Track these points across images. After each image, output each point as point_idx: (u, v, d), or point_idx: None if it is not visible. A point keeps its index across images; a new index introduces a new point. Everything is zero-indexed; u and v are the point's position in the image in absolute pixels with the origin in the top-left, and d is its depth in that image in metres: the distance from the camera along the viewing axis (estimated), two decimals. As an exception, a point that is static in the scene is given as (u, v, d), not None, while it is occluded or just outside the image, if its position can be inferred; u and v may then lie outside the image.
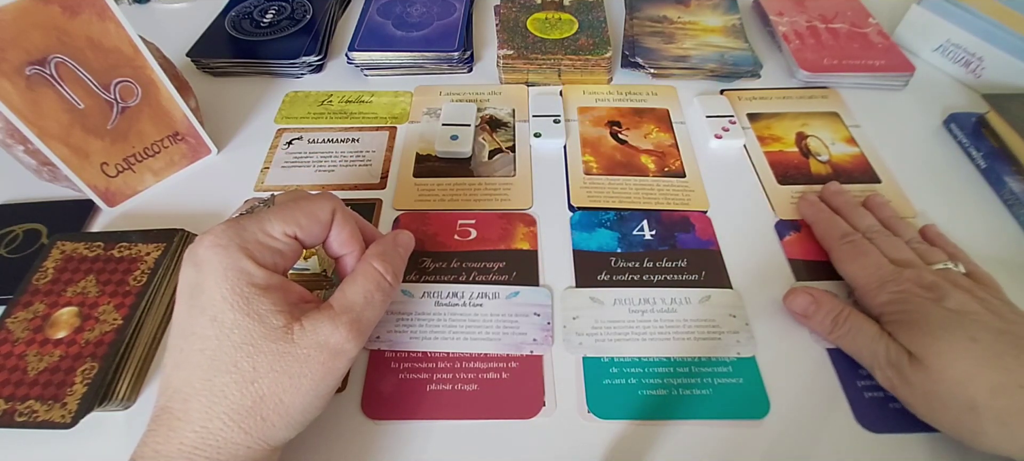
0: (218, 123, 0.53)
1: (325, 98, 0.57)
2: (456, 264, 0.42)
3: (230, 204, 0.46)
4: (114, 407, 0.34)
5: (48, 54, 0.39)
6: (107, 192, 0.45)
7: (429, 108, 0.55)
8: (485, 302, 0.39)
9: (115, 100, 0.44)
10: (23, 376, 0.33)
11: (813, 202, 0.43)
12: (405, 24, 0.61)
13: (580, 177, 0.48)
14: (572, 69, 0.56)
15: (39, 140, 0.40)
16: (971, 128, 0.50)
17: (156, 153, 0.47)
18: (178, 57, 0.57)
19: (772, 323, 0.38)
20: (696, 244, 0.43)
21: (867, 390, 0.35)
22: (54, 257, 0.39)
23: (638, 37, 0.60)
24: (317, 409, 0.28)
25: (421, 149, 0.51)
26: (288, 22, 0.62)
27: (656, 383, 0.36)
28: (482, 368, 0.36)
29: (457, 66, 0.59)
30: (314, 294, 0.31)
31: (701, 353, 0.37)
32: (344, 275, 0.32)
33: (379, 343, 0.37)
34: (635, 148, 0.51)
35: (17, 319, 0.36)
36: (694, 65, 0.57)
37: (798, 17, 0.62)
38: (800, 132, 0.52)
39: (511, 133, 0.52)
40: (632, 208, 0.46)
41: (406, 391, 0.35)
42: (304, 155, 0.51)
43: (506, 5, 0.62)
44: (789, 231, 0.44)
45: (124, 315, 0.36)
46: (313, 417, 0.28)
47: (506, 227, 0.44)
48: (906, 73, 0.56)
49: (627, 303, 0.39)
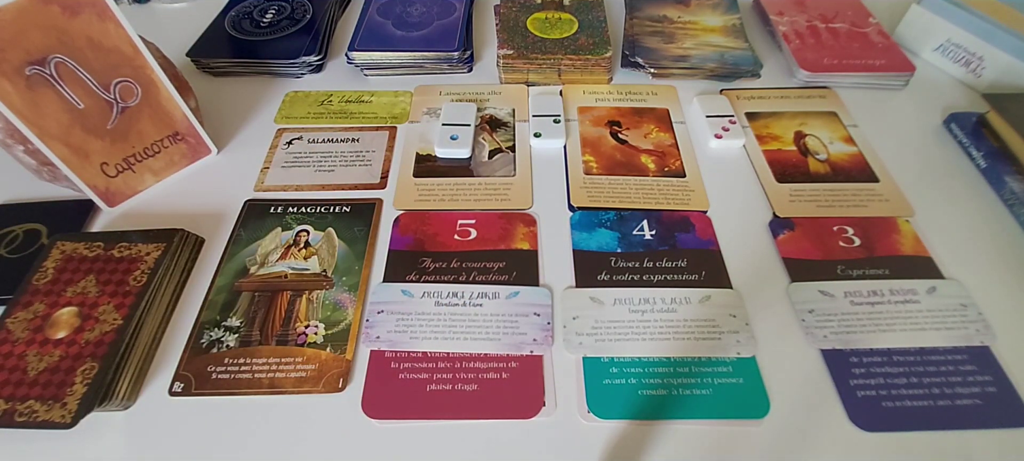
0: (218, 123, 0.53)
1: (325, 98, 0.57)
2: (456, 264, 0.42)
3: (230, 204, 0.46)
4: (114, 407, 0.34)
5: (48, 54, 0.39)
6: (107, 192, 0.45)
7: (429, 108, 0.55)
8: (485, 302, 0.39)
9: (115, 100, 0.44)
10: (23, 376, 0.33)
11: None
12: (405, 24, 0.61)
13: (580, 177, 0.48)
14: (572, 69, 0.56)
15: (39, 140, 0.40)
16: (971, 128, 0.50)
17: (156, 153, 0.47)
18: (178, 57, 0.57)
19: (770, 323, 0.38)
20: (696, 244, 0.43)
21: (860, 389, 0.35)
22: (54, 257, 0.39)
23: (638, 37, 0.60)
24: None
25: (421, 149, 0.51)
26: (288, 22, 0.62)
27: (656, 383, 0.36)
28: (482, 368, 0.36)
29: (457, 66, 0.59)
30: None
31: (701, 353, 0.37)
32: None
33: (379, 343, 0.37)
34: (635, 148, 0.51)
35: (17, 319, 0.36)
36: (694, 65, 0.57)
37: (798, 17, 0.62)
38: (798, 131, 0.52)
39: (511, 133, 0.52)
40: (632, 208, 0.46)
41: (406, 391, 0.35)
42: (304, 155, 0.51)
43: (506, 5, 0.62)
44: (783, 230, 0.44)
45: (124, 315, 0.36)
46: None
47: (506, 227, 0.44)
48: (906, 73, 0.56)
49: (627, 303, 0.39)
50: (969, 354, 0.37)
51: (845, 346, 0.37)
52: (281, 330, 0.38)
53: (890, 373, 0.36)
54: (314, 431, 0.34)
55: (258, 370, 0.36)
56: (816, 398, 0.35)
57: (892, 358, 0.37)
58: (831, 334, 0.38)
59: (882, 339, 0.37)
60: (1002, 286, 0.40)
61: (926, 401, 0.35)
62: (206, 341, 0.38)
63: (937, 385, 0.35)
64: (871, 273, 0.41)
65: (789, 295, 0.40)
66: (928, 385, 0.35)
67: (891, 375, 0.36)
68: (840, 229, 0.44)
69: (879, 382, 0.36)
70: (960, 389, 0.35)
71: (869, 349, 0.37)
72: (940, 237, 0.43)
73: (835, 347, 0.37)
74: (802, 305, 0.39)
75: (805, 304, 0.39)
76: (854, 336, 0.38)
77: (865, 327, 0.38)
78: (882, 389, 0.35)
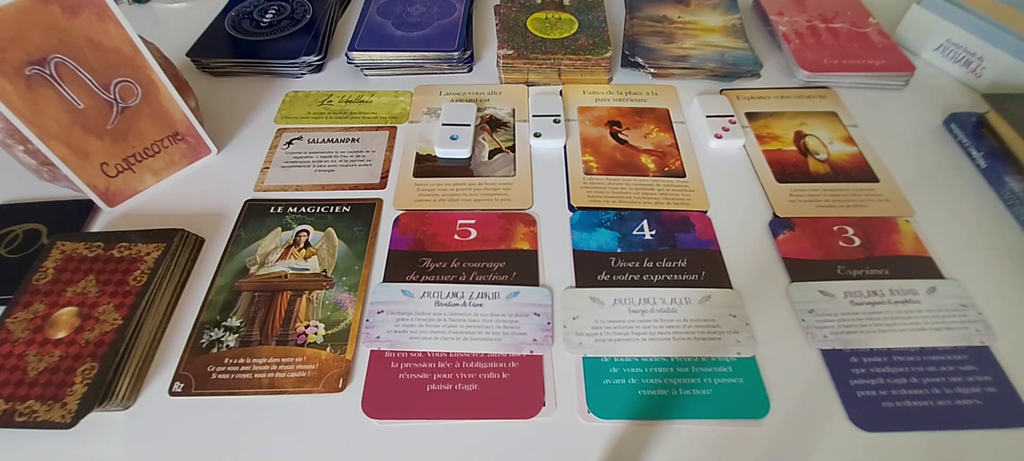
0: (218, 123, 0.53)
1: (325, 98, 0.57)
2: (456, 264, 0.42)
3: (230, 204, 0.46)
4: (114, 407, 0.34)
5: (48, 54, 0.39)
6: (107, 192, 0.45)
7: (429, 108, 0.55)
8: (485, 302, 0.39)
9: (115, 100, 0.44)
10: (23, 376, 0.33)
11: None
12: (405, 24, 0.61)
13: (580, 177, 0.48)
14: (572, 69, 0.56)
15: (39, 140, 0.40)
16: (971, 128, 0.50)
17: (156, 153, 0.47)
18: (178, 57, 0.57)
19: (770, 323, 0.38)
20: (696, 244, 0.43)
21: (860, 389, 0.35)
22: (54, 257, 0.39)
23: (638, 37, 0.60)
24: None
25: (421, 149, 0.51)
26: (288, 22, 0.62)
27: (656, 383, 0.36)
28: (482, 368, 0.36)
29: (457, 66, 0.59)
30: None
31: (701, 353, 0.37)
32: None
33: (379, 343, 0.37)
34: (635, 148, 0.51)
35: (17, 319, 0.36)
36: (694, 65, 0.57)
37: (798, 17, 0.62)
38: (798, 131, 0.52)
39: (511, 133, 0.52)
40: (632, 208, 0.46)
41: (406, 391, 0.35)
42: (304, 155, 0.51)
43: (506, 5, 0.62)
44: (783, 230, 0.44)
45: (124, 315, 0.36)
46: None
47: (506, 227, 0.44)
48: (906, 73, 0.56)
49: (627, 303, 0.39)
50: (969, 354, 0.37)
51: (845, 346, 0.37)
52: (281, 330, 0.38)
53: (890, 373, 0.36)
54: (314, 431, 0.34)
55: (258, 370, 0.36)
56: (816, 398, 0.35)
57: (892, 358, 0.37)
58: (831, 334, 0.38)
59: (882, 339, 0.37)
60: (1002, 286, 0.40)
61: (926, 401, 0.35)
62: (206, 341, 0.38)
63: (937, 385, 0.35)
64: (871, 273, 0.41)
65: (789, 295, 0.40)
66: (928, 385, 0.35)
67: (891, 375, 0.36)
68: (840, 229, 0.44)
69: (879, 382, 0.36)
70: (960, 389, 0.35)
71: (869, 349, 0.37)
72: (940, 237, 0.43)
73: (835, 347, 0.37)
74: (802, 305, 0.39)
75: (805, 304, 0.39)
76: (854, 336, 0.38)
77: (865, 327, 0.38)
78: (882, 389, 0.35)
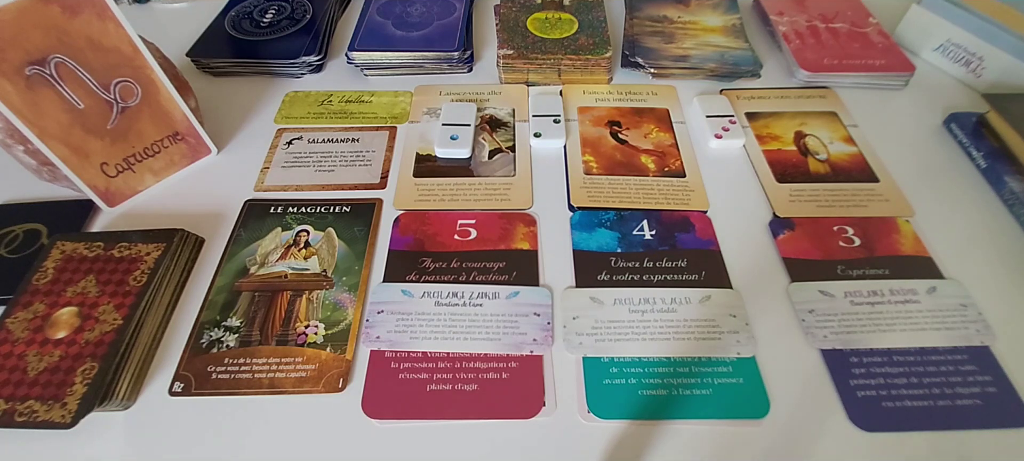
0: (218, 123, 0.53)
1: (325, 98, 0.57)
2: (456, 264, 0.42)
3: (230, 204, 0.46)
4: (114, 407, 0.34)
5: (48, 54, 0.39)
6: (107, 192, 0.45)
7: (429, 108, 0.55)
8: (485, 302, 0.39)
9: (115, 100, 0.44)
10: (23, 376, 0.33)
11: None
12: (405, 24, 0.61)
13: (580, 177, 0.48)
14: (572, 69, 0.56)
15: (39, 140, 0.40)
16: (971, 128, 0.50)
17: (156, 153, 0.47)
18: (178, 57, 0.57)
19: (770, 323, 0.38)
20: (696, 244, 0.43)
21: (860, 389, 0.35)
22: (54, 257, 0.39)
23: (638, 37, 0.60)
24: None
25: (421, 149, 0.51)
26: (288, 22, 0.62)
27: (656, 383, 0.36)
28: (482, 368, 0.36)
29: (457, 66, 0.59)
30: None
31: (701, 353, 0.37)
32: None
33: (379, 343, 0.37)
34: (635, 148, 0.51)
35: (17, 319, 0.36)
36: (694, 65, 0.57)
37: (798, 17, 0.62)
38: (798, 131, 0.52)
39: (511, 133, 0.52)
40: (632, 208, 0.46)
41: (406, 391, 0.35)
42: (304, 155, 0.51)
43: (506, 5, 0.62)
44: (783, 230, 0.44)
45: (124, 315, 0.36)
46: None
47: (506, 227, 0.44)
48: (906, 73, 0.56)
49: (627, 303, 0.39)
50: (969, 354, 0.37)
51: (845, 346, 0.37)
52: (281, 330, 0.38)
53: (890, 373, 0.36)
54: (314, 431, 0.34)
55: (258, 370, 0.36)
56: (816, 398, 0.35)
57: (892, 358, 0.37)
58: (831, 334, 0.38)
59: (882, 339, 0.37)
60: (1002, 286, 0.40)
61: (926, 401, 0.35)
62: (206, 341, 0.38)
63: (937, 385, 0.35)
64: (871, 273, 0.41)
65: (789, 295, 0.40)
66: (928, 385, 0.35)
67: (891, 375, 0.36)
68: (840, 229, 0.44)
69: (879, 382, 0.36)
70: (960, 389, 0.35)
71: (869, 349, 0.37)
72: (940, 237, 0.43)
73: (835, 347, 0.37)
74: (802, 305, 0.39)
75: (805, 304, 0.39)
76: (854, 336, 0.38)
77: (865, 327, 0.38)
78: (882, 389, 0.35)
